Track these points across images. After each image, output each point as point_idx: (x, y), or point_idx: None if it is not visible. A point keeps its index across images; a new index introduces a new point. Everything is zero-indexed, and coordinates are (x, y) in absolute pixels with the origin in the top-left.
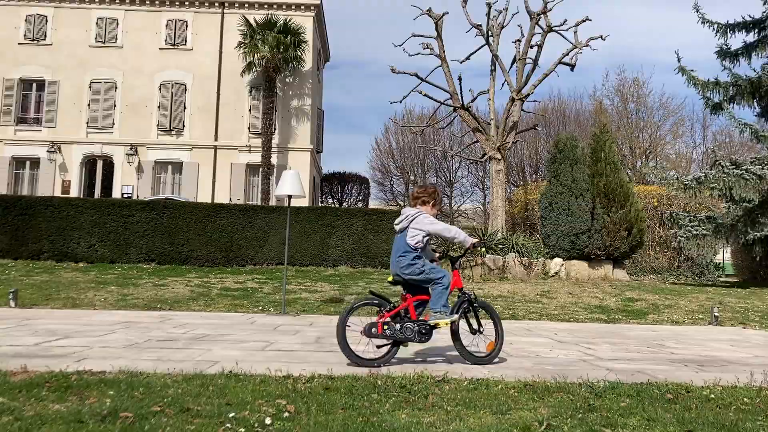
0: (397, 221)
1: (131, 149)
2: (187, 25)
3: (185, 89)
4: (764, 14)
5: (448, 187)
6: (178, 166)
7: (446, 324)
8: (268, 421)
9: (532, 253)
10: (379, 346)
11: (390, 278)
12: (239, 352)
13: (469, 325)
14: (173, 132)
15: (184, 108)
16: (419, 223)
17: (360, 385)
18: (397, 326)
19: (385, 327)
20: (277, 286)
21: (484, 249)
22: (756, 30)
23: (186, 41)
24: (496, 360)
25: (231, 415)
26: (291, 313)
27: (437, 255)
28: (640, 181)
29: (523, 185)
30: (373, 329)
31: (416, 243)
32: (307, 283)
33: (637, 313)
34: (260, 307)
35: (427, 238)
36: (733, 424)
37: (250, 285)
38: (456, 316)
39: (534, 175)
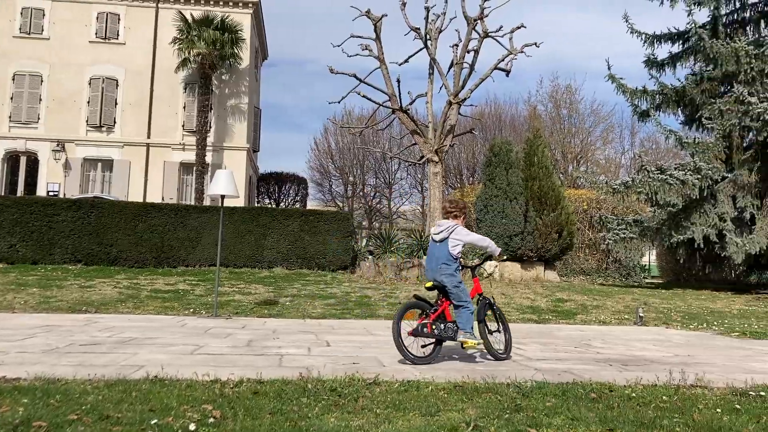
0: (435, 231)
1: (58, 145)
2: (119, 19)
3: (117, 84)
4: (688, 27)
5: (387, 189)
6: (108, 164)
7: (474, 345)
8: (192, 427)
9: (468, 255)
10: (423, 346)
11: (429, 284)
12: (167, 356)
13: (487, 326)
14: (104, 128)
15: (116, 104)
16: (458, 234)
17: (290, 389)
18: (442, 326)
19: (434, 327)
20: (209, 288)
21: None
22: (681, 42)
23: (118, 35)
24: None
25: (153, 421)
26: (223, 315)
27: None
28: (571, 185)
29: (460, 188)
30: (425, 329)
31: (457, 253)
32: (240, 284)
33: (566, 313)
34: (191, 310)
35: (463, 248)
36: (651, 422)
37: (182, 287)
38: (481, 340)
39: (471, 178)
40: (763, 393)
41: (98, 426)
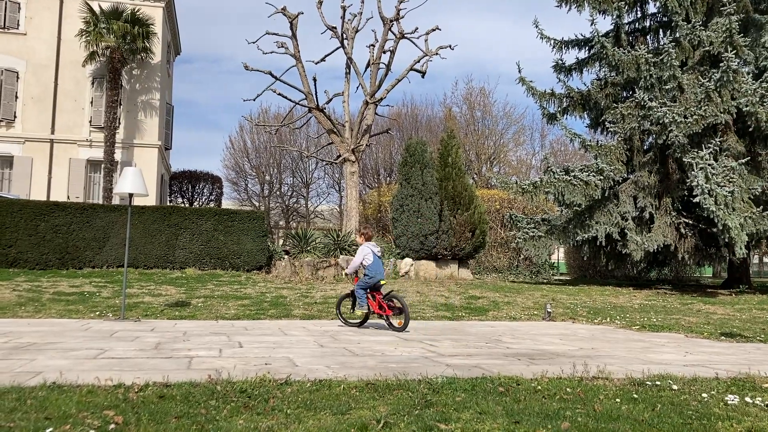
0: (376, 249)
1: None
2: (19, 8)
3: (17, 77)
4: (592, 34)
5: (304, 188)
6: (8, 161)
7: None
8: None
9: (384, 254)
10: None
11: (383, 282)
12: (68, 361)
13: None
14: (2, 123)
15: (16, 97)
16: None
17: (198, 391)
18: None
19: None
20: (117, 290)
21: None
22: (587, 48)
23: (18, 25)
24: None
25: (49, 430)
26: (131, 318)
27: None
28: (485, 185)
29: (377, 187)
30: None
31: None
32: (151, 286)
33: (479, 310)
34: (98, 313)
35: None
36: (555, 413)
37: (88, 289)
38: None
39: (388, 178)
40: (659, 382)
41: None
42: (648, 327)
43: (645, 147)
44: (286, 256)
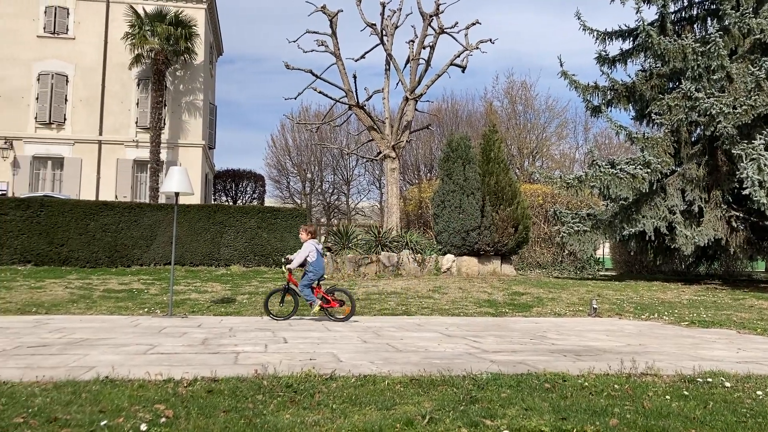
0: (320, 246)
1: (5, 143)
2: (68, 13)
3: (67, 80)
4: (637, 24)
5: (345, 185)
6: (58, 162)
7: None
8: (143, 427)
9: (425, 250)
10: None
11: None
12: (119, 357)
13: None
14: (54, 125)
15: (66, 100)
16: None
17: (245, 386)
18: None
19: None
20: (164, 287)
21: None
22: (631, 38)
23: (68, 30)
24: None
25: (104, 422)
26: (178, 314)
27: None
28: (527, 180)
29: (418, 183)
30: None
31: None
32: (197, 283)
33: (522, 306)
34: (146, 309)
35: None
36: (603, 410)
37: (136, 286)
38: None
39: (428, 174)
40: (710, 379)
41: (46, 428)
42: (698, 323)
43: (693, 139)
44: (328, 253)
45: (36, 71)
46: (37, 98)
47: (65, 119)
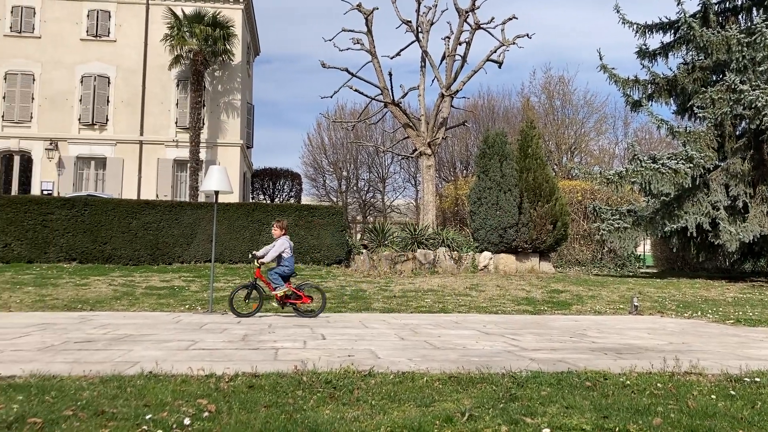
0: (291, 243)
1: (51, 144)
2: (110, 16)
3: (108, 82)
4: (678, 16)
5: (381, 183)
6: (101, 162)
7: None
8: (187, 421)
9: (462, 247)
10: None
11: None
12: (162, 352)
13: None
14: (96, 126)
15: (108, 101)
16: None
17: (285, 382)
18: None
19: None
20: (204, 284)
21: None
22: (672, 31)
23: (109, 32)
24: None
25: (149, 416)
26: (219, 311)
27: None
28: (565, 176)
29: (454, 180)
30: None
31: None
32: (236, 280)
33: (561, 304)
34: (187, 306)
35: None
36: (646, 409)
37: (177, 283)
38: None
39: (464, 171)
40: (758, 379)
41: (93, 421)
42: (743, 321)
43: (737, 133)
44: (364, 251)
45: (79, 74)
46: (80, 100)
47: (107, 120)
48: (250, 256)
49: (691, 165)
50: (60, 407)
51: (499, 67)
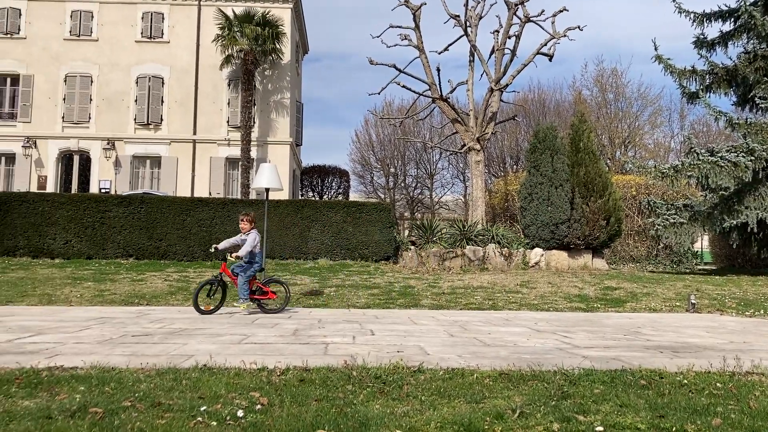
0: (259, 239)
1: (108, 144)
2: (163, 18)
3: (162, 83)
4: (739, 3)
5: (428, 179)
6: (156, 161)
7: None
8: (240, 413)
9: (512, 244)
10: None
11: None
12: (215, 346)
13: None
14: (151, 126)
15: (162, 102)
16: None
17: (335, 376)
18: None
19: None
20: None
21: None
22: (732, 19)
23: (163, 34)
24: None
25: (203, 408)
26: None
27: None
28: (619, 170)
29: (504, 176)
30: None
31: None
32: (286, 276)
33: (615, 301)
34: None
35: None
36: (704, 409)
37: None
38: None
39: (515, 166)
40: None
41: (150, 413)
42: None
43: None
44: (412, 247)
45: (134, 75)
46: (135, 100)
47: (162, 120)
48: (212, 250)
49: (753, 158)
50: (119, 398)
51: (550, 60)
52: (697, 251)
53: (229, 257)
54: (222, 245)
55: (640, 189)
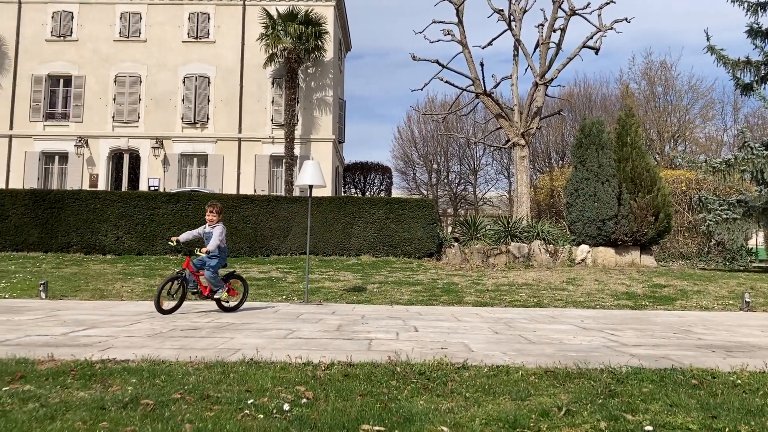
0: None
1: (157, 142)
2: (209, 18)
3: (209, 82)
4: None
5: (472, 175)
6: (203, 159)
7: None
8: (286, 407)
9: (558, 240)
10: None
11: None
12: (261, 340)
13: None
14: (198, 125)
15: (208, 101)
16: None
17: (379, 371)
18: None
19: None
20: (300, 276)
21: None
22: None
23: (208, 34)
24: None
25: (250, 401)
26: (314, 301)
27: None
28: (668, 165)
29: (549, 171)
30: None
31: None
32: (330, 272)
33: (664, 299)
34: (284, 296)
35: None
36: (759, 410)
37: (275, 274)
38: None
39: (560, 161)
40: None
41: (199, 405)
42: None
43: None
44: (455, 243)
45: (181, 75)
46: (182, 100)
47: (208, 119)
48: (172, 242)
49: None
50: (169, 390)
51: (596, 53)
52: (752, 248)
53: (198, 252)
54: (183, 237)
55: (691, 184)
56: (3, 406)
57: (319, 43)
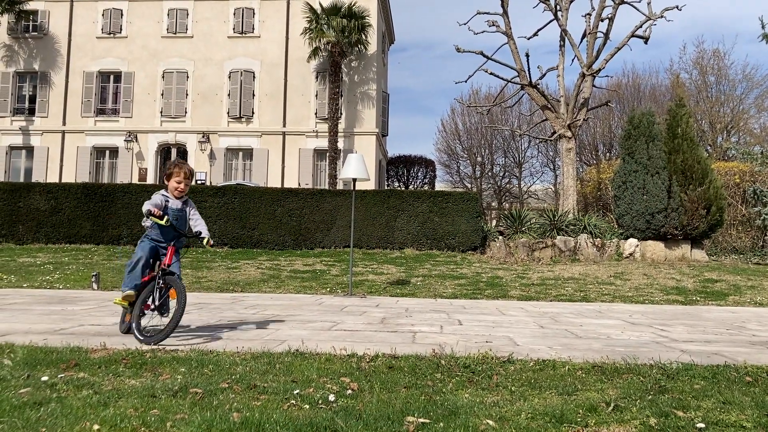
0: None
1: (203, 137)
2: (254, 13)
3: (254, 76)
4: None
5: (517, 168)
6: (248, 153)
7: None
8: (332, 398)
9: (605, 234)
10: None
11: None
12: (306, 332)
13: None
14: (243, 119)
15: (253, 95)
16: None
17: (423, 364)
18: None
19: None
20: (344, 269)
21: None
22: None
23: (253, 29)
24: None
25: (296, 392)
26: (358, 294)
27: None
28: (720, 157)
29: (596, 164)
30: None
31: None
32: (373, 265)
33: (716, 294)
34: (328, 289)
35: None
36: None
37: (319, 267)
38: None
39: (607, 154)
40: None
41: (246, 394)
42: None
43: None
44: (500, 237)
45: (227, 69)
46: (228, 94)
47: (253, 113)
48: (146, 223)
49: None
50: (217, 380)
51: (645, 42)
52: None
53: (207, 245)
54: (148, 208)
55: (745, 176)
56: (59, 393)
57: (362, 36)
